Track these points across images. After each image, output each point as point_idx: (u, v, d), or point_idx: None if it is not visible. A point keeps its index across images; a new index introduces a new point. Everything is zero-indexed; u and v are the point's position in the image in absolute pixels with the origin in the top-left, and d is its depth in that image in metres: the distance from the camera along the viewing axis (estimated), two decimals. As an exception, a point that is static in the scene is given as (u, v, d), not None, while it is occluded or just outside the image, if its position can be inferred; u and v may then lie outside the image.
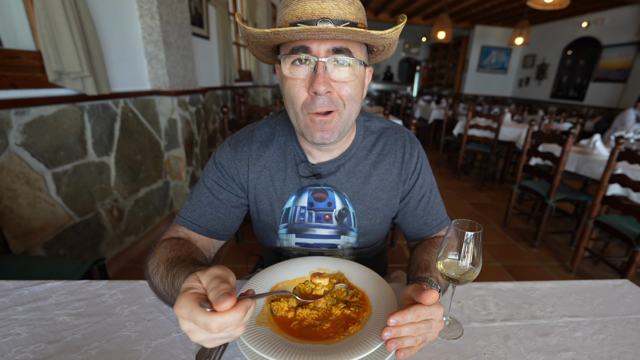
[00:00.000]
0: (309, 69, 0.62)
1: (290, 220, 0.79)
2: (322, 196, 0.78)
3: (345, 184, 0.78)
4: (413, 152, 0.81)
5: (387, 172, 0.80)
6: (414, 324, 0.49)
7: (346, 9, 0.59)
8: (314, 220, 0.79)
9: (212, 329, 0.38)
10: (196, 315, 0.38)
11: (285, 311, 0.60)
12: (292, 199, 0.78)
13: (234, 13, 4.18)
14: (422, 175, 0.82)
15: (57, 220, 1.62)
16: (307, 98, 0.64)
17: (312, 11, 0.57)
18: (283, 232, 0.81)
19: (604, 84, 6.46)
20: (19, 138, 1.42)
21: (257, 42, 0.63)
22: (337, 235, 0.81)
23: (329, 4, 0.58)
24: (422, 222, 0.83)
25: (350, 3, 0.60)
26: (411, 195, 0.82)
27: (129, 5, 2.08)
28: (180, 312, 0.40)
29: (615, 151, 1.92)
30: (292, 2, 0.59)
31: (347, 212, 0.79)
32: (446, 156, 5.78)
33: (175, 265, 0.58)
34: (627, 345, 0.61)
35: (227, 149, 0.79)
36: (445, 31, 6.12)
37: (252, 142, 0.79)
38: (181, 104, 2.47)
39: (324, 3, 0.57)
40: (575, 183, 3.63)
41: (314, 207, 0.79)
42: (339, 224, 0.80)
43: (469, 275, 0.59)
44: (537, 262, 2.47)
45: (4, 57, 1.39)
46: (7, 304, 0.64)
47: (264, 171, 0.78)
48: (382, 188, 0.80)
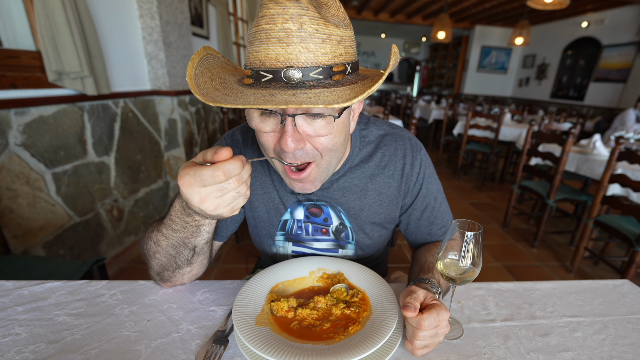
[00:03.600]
0: (276, 123, 0.54)
1: (288, 230, 0.78)
2: (317, 212, 0.75)
3: (340, 199, 0.74)
4: (414, 162, 0.75)
5: (385, 186, 0.75)
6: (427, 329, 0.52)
7: (318, 50, 0.48)
8: (311, 234, 0.78)
9: (218, 177, 0.42)
10: (202, 172, 0.42)
11: (285, 311, 0.59)
12: (289, 210, 0.76)
13: (234, 13, 4.18)
14: (426, 185, 0.77)
15: (57, 220, 1.62)
16: (279, 148, 0.56)
17: (276, 57, 0.47)
18: (280, 240, 0.79)
19: (604, 84, 6.46)
20: (19, 138, 1.42)
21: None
22: (334, 248, 0.80)
23: (296, 48, 0.47)
24: (427, 232, 0.81)
25: (325, 41, 0.48)
26: (414, 207, 0.78)
27: (129, 5, 2.08)
28: (185, 179, 0.43)
29: (615, 151, 1.92)
30: (255, 41, 0.49)
31: (345, 227, 0.76)
32: (446, 156, 5.78)
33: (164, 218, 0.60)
34: (627, 345, 0.61)
35: (228, 145, 0.77)
36: (445, 31, 6.12)
37: (247, 143, 0.76)
38: (181, 104, 2.47)
39: (290, 47, 0.47)
40: (575, 183, 3.62)
41: (310, 220, 0.76)
42: (337, 238, 0.78)
43: (469, 275, 0.59)
44: (537, 262, 2.47)
45: (4, 57, 1.39)
46: (7, 304, 0.64)
47: (259, 176, 0.76)
48: (380, 203, 0.76)
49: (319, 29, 0.48)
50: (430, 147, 6.33)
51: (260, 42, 0.48)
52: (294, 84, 0.48)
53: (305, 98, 0.46)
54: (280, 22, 0.46)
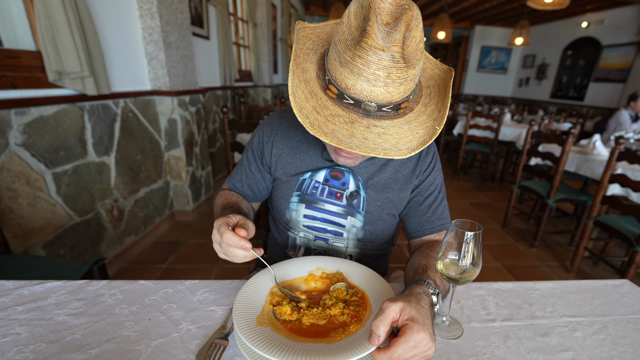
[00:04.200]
0: None
1: (304, 190, 0.84)
2: (339, 175, 0.83)
3: (363, 169, 0.82)
4: (429, 151, 0.84)
5: (403, 165, 0.83)
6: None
7: (395, 91, 0.57)
8: (325, 195, 0.84)
9: (222, 238, 0.60)
10: (221, 227, 0.61)
11: (289, 315, 0.60)
12: (309, 173, 0.84)
13: (234, 13, 4.18)
14: (434, 175, 0.84)
15: (57, 220, 1.62)
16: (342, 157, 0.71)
17: (361, 91, 0.56)
18: (295, 201, 0.85)
19: (604, 84, 6.46)
20: (19, 138, 1.42)
21: None
22: (344, 214, 0.83)
23: (379, 89, 0.56)
24: (425, 219, 0.83)
25: (402, 83, 0.56)
26: (419, 191, 0.83)
27: (129, 6, 2.08)
28: (216, 224, 0.63)
29: (615, 151, 1.92)
30: (346, 69, 0.56)
31: (358, 195, 0.83)
32: (446, 156, 5.79)
33: (225, 209, 0.79)
34: (627, 345, 0.61)
35: (261, 128, 0.89)
36: (445, 31, 6.12)
37: (281, 122, 0.87)
38: (181, 104, 2.47)
39: (374, 88, 0.56)
40: (575, 183, 3.63)
41: (328, 183, 0.83)
42: (349, 203, 0.83)
43: (469, 275, 0.59)
44: (537, 262, 2.47)
45: (4, 57, 1.39)
46: (7, 304, 0.64)
47: (286, 149, 0.85)
48: (396, 179, 0.82)
49: (401, 75, 0.56)
50: (430, 147, 6.32)
51: (352, 73, 0.55)
52: (367, 112, 0.59)
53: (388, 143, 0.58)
54: (373, 68, 0.54)
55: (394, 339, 0.49)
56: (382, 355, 0.48)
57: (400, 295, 0.57)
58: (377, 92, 0.56)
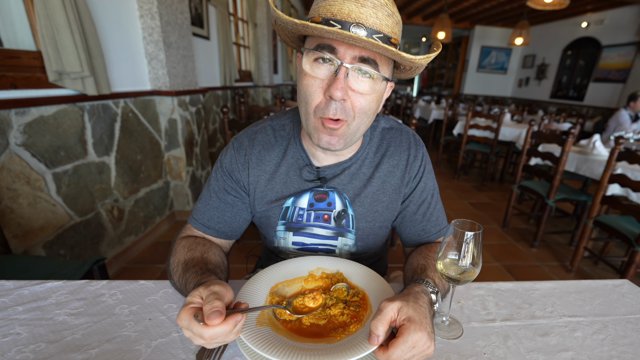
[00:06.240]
0: (330, 70, 0.60)
1: (288, 218, 0.79)
2: (323, 197, 0.78)
3: (347, 186, 0.78)
4: (417, 154, 0.80)
5: (389, 175, 0.79)
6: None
7: (384, 20, 0.56)
8: (312, 220, 0.79)
9: (205, 338, 0.46)
10: (192, 327, 0.46)
11: (289, 315, 0.60)
12: (291, 199, 0.78)
13: (234, 13, 4.18)
14: (425, 180, 0.80)
15: (57, 220, 1.62)
16: (321, 101, 0.62)
17: (349, 12, 0.54)
18: (281, 230, 0.81)
19: (604, 84, 6.46)
20: (20, 138, 1.42)
21: (284, 27, 0.62)
22: (334, 236, 0.80)
23: (368, 11, 0.54)
24: (420, 229, 0.81)
25: (389, 15, 0.57)
26: (411, 199, 0.80)
27: (129, 6, 2.08)
28: (181, 323, 0.48)
29: (615, 151, 1.92)
30: None
31: (346, 214, 0.78)
32: (446, 156, 5.78)
33: (188, 269, 0.64)
34: (626, 345, 0.61)
35: (230, 152, 0.79)
36: (445, 31, 6.12)
37: (253, 145, 0.78)
38: (181, 104, 2.47)
39: (363, 8, 0.54)
40: (575, 183, 3.63)
41: (313, 208, 0.78)
42: (337, 225, 0.79)
43: (469, 275, 0.59)
44: (537, 262, 2.47)
45: (4, 57, 1.39)
46: (7, 304, 0.64)
47: (263, 175, 0.78)
48: (384, 191, 0.79)
49: (388, 4, 0.56)
50: (430, 147, 6.33)
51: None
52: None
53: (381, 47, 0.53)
54: None
55: (392, 341, 0.49)
56: (381, 356, 0.49)
57: (399, 294, 0.56)
58: (365, 13, 0.54)
